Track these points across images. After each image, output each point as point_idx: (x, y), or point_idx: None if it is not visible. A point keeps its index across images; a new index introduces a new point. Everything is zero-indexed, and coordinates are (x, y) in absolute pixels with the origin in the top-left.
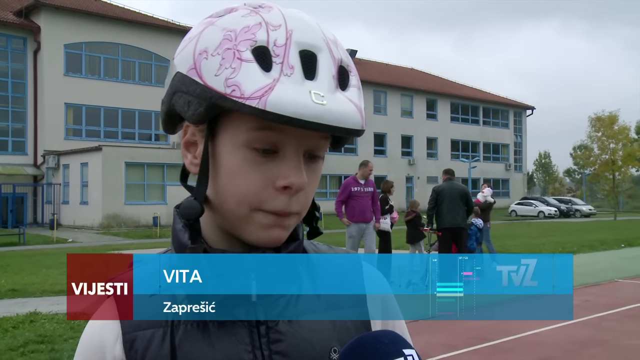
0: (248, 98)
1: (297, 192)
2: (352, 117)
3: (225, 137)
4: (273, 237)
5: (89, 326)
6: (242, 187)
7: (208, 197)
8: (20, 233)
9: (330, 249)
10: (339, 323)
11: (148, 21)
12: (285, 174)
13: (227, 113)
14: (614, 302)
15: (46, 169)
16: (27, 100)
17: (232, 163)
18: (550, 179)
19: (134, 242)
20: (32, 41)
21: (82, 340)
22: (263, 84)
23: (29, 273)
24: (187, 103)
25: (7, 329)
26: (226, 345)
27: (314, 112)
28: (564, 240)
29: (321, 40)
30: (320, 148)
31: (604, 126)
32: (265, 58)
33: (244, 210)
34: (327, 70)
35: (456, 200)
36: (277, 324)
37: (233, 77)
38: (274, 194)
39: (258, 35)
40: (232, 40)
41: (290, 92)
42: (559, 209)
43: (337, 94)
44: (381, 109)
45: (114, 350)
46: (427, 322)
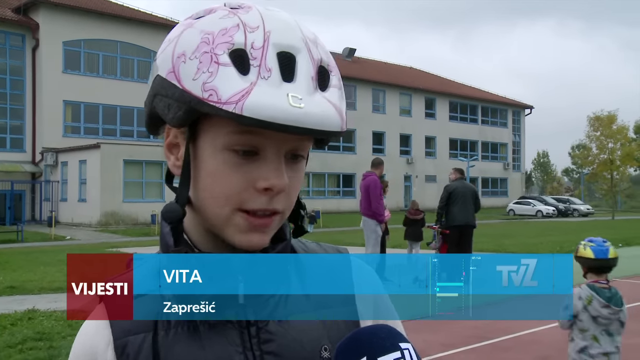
0: (225, 103)
1: (278, 193)
2: (331, 119)
3: (206, 139)
4: (253, 242)
5: (82, 331)
6: (223, 189)
7: (191, 199)
8: (19, 230)
9: (319, 247)
10: (329, 322)
11: (147, 19)
12: (266, 175)
13: (207, 116)
14: None
15: (44, 166)
16: (26, 97)
17: (212, 165)
18: (549, 178)
19: (132, 239)
20: (31, 38)
21: (75, 346)
22: (240, 88)
23: (27, 270)
24: (167, 106)
25: (5, 326)
26: (217, 347)
27: (291, 116)
28: (562, 239)
29: (300, 41)
30: (302, 148)
31: (603, 126)
32: (243, 61)
33: (225, 211)
34: (306, 72)
35: (468, 199)
36: (267, 324)
37: (210, 82)
38: (254, 195)
39: (235, 37)
40: (210, 43)
41: (267, 95)
42: (557, 209)
43: (316, 95)
44: (380, 108)
45: (106, 356)
46: (426, 320)
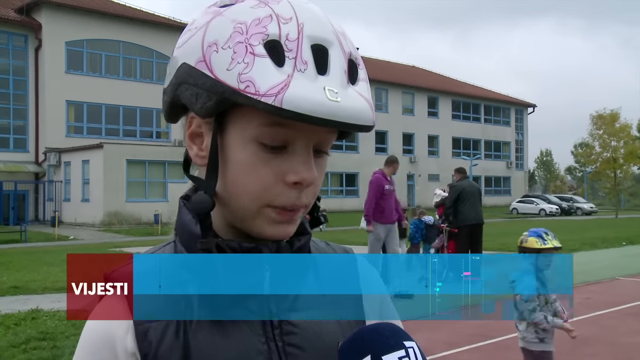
0: (263, 95)
1: (307, 187)
2: (365, 113)
3: (234, 131)
4: (282, 232)
5: (92, 321)
6: (253, 183)
7: (216, 191)
8: (22, 230)
9: (328, 246)
10: (343, 321)
11: (149, 18)
12: (296, 169)
13: (237, 107)
14: (615, 300)
15: (47, 166)
16: (29, 97)
17: (241, 158)
18: (552, 177)
19: (136, 239)
20: (34, 38)
21: (87, 332)
22: (278, 81)
23: (31, 270)
24: (195, 95)
25: (9, 326)
26: (241, 336)
27: (330, 110)
28: (565, 238)
29: (331, 34)
30: (327, 143)
31: (606, 124)
32: (278, 52)
33: (254, 206)
34: (339, 65)
35: (476, 198)
36: (289, 316)
37: (247, 73)
38: (284, 189)
39: (269, 28)
40: (243, 33)
41: (305, 89)
42: (561, 207)
43: (348, 89)
44: (382, 107)
45: (125, 342)
46: (428, 319)
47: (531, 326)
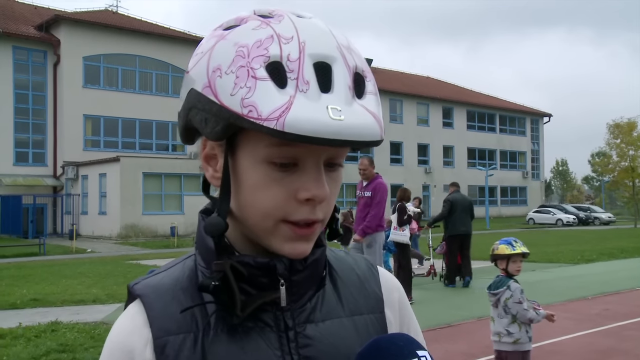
0: (265, 119)
1: (320, 203)
2: (371, 129)
3: (245, 152)
4: (298, 251)
5: (115, 331)
6: (265, 202)
7: (232, 210)
8: (41, 243)
9: (347, 255)
10: (361, 329)
11: (164, 32)
12: (307, 186)
13: (246, 129)
14: (634, 311)
15: (65, 179)
16: (47, 112)
17: (253, 178)
18: (568, 187)
19: (152, 252)
20: (52, 54)
21: (108, 345)
22: (280, 104)
23: (50, 283)
24: (204, 120)
25: (29, 338)
26: (257, 350)
27: (333, 129)
28: (583, 248)
29: (335, 49)
30: (339, 157)
31: (623, 133)
32: (279, 74)
33: (269, 223)
34: (343, 81)
35: (467, 211)
36: (305, 329)
37: (249, 97)
38: (296, 206)
39: (271, 50)
40: (245, 56)
41: (307, 109)
42: (578, 217)
43: (354, 104)
44: (397, 118)
45: (144, 355)
46: (446, 329)
47: (523, 327)
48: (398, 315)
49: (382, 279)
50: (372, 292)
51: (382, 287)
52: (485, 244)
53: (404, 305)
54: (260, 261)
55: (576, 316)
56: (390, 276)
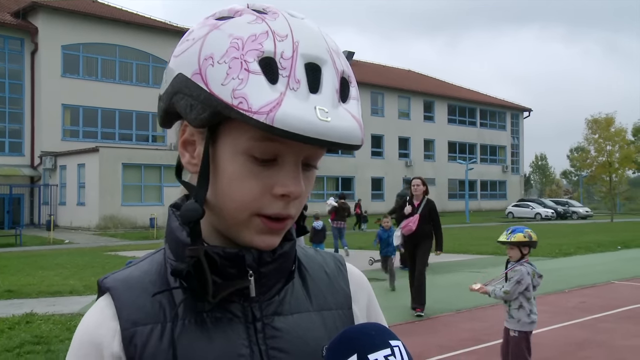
0: (256, 112)
1: (294, 199)
2: (353, 133)
3: (226, 142)
4: (267, 243)
5: (84, 324)
6: (242, 194)
7: (207, 199)
8: (17, 234)
9: (317, 253)
10: (329, 324)
11: (145, 22)
12: (284, 182)
13: (229, 120)
14: (610, 304)
15: (43, 170)
16: (25, 101)
17: (231, 169)
18: (547, 181)
19: (131, 243)
20: (30, 42)
21: (77, 336)
22: (270, 99)
23: (26, 274)
24: (190, 106)
25: (3, 330)
26: (224, 340)
27: (319, 129)
28: (561, 242)
29: (325, 52)
30: (316, 158)
31: (601, 128)
32: (272, 70)
33: (243, 215)
34: (331, 84)
35: None
36: (273, 321)
37: (240, 89)
38: (271, 200)
39: (265, 45)
40: (239, 49)
41: (297, 108)
42: (556, 211)
43: (339, 108)
44: (378, 111)
45: (112, 347)
46: (423, 322)
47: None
48: (365, 312)
49: (350, 277)
50: (340, 289)
51: (350, 284)
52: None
53: (371, 302)
54: (229, 251)
55: (553, 309)
56: (358, 273)
